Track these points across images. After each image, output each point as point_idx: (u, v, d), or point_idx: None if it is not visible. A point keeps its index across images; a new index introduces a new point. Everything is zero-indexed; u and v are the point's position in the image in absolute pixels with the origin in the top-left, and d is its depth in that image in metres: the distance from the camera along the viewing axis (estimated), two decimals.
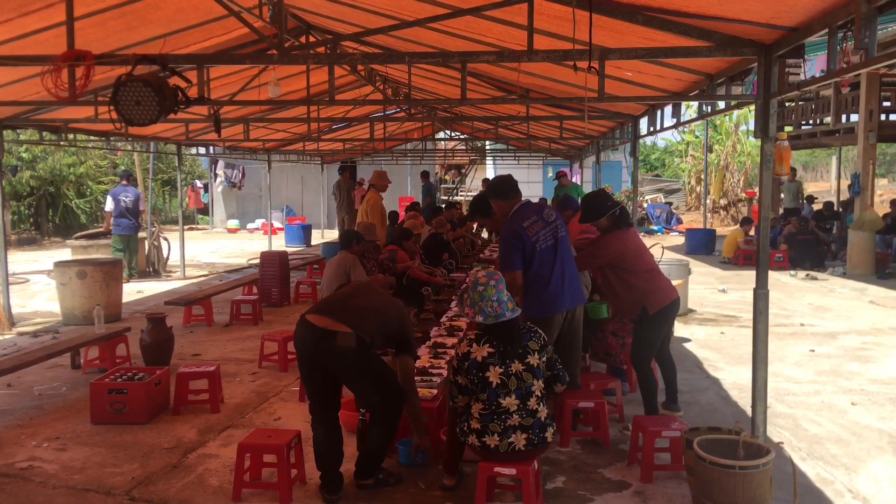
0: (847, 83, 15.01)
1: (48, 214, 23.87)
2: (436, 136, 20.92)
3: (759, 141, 4.57)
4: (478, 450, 3.69)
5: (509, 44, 6.57)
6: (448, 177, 31.94)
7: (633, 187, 9.95)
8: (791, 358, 7.66)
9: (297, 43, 8.59)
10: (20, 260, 16.81)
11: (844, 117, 16.80)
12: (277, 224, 24.57)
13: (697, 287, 12.10)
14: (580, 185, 16.28)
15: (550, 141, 16.58)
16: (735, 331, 9.15)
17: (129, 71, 4.90)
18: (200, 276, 14.17)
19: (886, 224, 14.32)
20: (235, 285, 10.89)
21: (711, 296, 11.77)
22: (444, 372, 4.92)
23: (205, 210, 29.27)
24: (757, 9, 3.98)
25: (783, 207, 18.27)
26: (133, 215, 12.81)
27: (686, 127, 32.36)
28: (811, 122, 18.84)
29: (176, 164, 14.92)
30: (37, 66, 5.10)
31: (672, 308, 5.15)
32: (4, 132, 9.54)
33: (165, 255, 14.47)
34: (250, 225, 26.81)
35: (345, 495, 4.14)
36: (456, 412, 3.87)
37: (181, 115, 7.78)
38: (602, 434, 4.88)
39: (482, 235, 15.77)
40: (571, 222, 6.26)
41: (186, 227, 22.91)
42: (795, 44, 4.16)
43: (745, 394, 6.08)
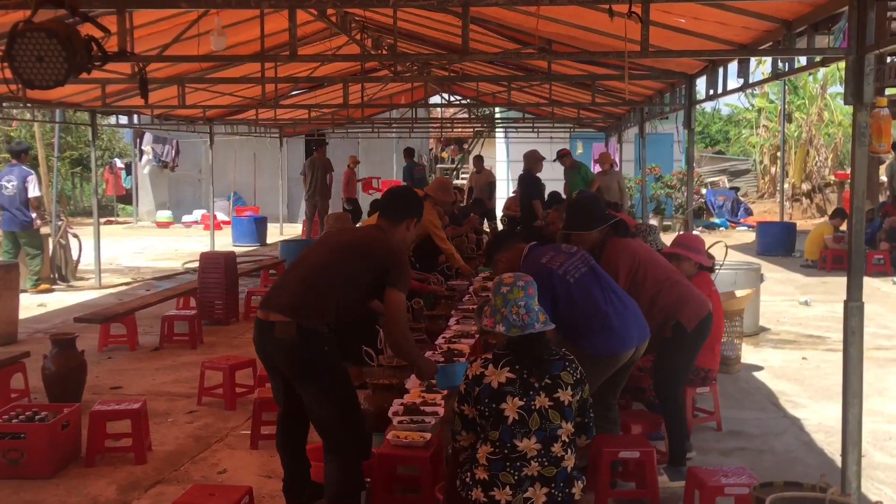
0: None
1: None
2: (429, 102, 20.76)
3: (851, 108, 4.59)
4: None
5: None
6: (446, 154, 31.84)
7: (688, 168, 10.11)
8: (893, 391, 7.78)
9: None
10: None
11: None
12: (222, 216, 24.87)
13: (772, 299, 12.25)
14: (589, 168, 16.51)
15: (579, 108, 16.68)
16: (821, 356, 9.26)
17: (29, 17, 4.94)
18: (121, 285, 14.29)
19: None
20: (167, 297, 11.04)
21: (790, 310, 11.94)
22: (441, 409, 4.96)
23: (127, 198, 29.53)
24: None
25: (887, 194, 18.26)
26: (16, 205, 12.49)
27: (757, 89, 32.38)
28: None
29: (89, 138, 14.87)
30: None
31: (709, 321, 5.41)
32: None
33: (75, 258, 14.59)
34: (187, 217, 27.00)
35: None
36: (457, 459, 3.93)
37: (96, 75, 7.79)
38: (650, 493, 4.92)
39: (489, 229, 15.89)
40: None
41: (103, 221, 23.00)
42: None
43: (834, 438, 6.17)
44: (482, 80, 14.62)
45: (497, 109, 24.07)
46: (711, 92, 9.04)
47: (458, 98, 20.50)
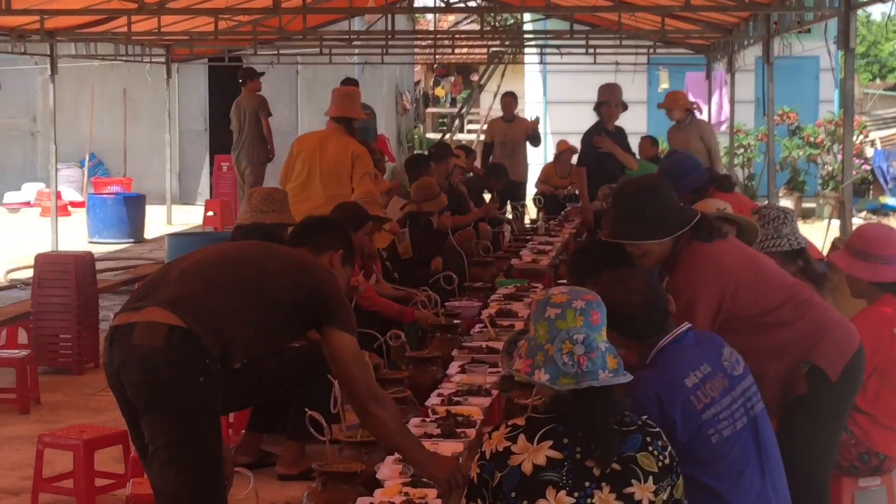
0: None
1: None
2: (414, 5, 18.48)
3: None
4: None
5: None
6: (442, 90, 27.44)
7: (845, 114, 9.29)
8: None
9: None
10: None
11: None
12: (72, 194, 21.22)
13: None
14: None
15: (665, 14, 14.52)
16: None
17: None
18: None
19: None
20: None
21: None
22: None
23: None
24: None
25: None
26: None
27: None
28: None
29: None
30: None
31: (861, 360, 4.88)
32: None
33: None
34: (11, 196, 23.24)
35: None
36: None
37: None
38: None
39: (508, 217, 13.98)
40: None
41: None
42: None
43: None
44: None
45: (527, 17, 20.81)
46: None
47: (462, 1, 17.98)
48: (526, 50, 21.35)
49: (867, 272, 5.51)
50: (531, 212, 14.94)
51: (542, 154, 20.07)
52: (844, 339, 4.89)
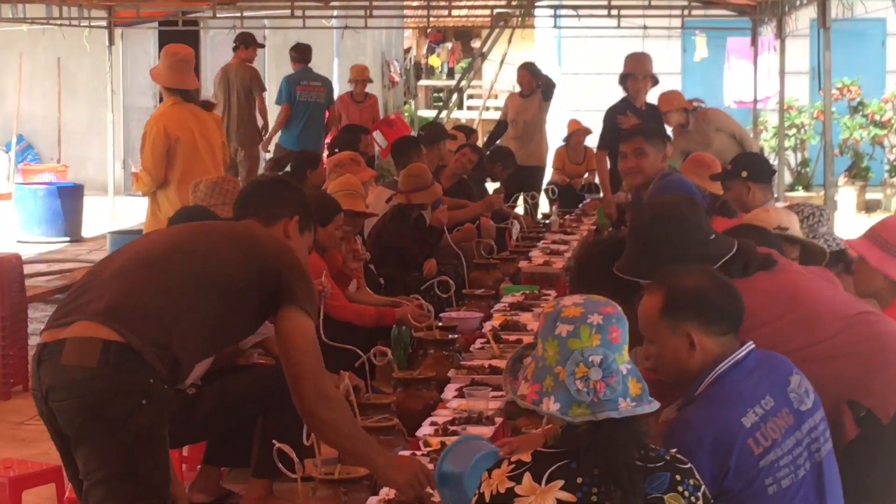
0: None
1: None
2: None
3: None
4: None
5: None
6: (437, 58, 26.66)
7: None
8: None
9: None
10: None
11: None
12: None
13: None
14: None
15: None
16: None
17: None
18: None
19: None
20: None
21: None
22: None
23: None
24: None
25: None
26: None
27: None
28: None
29: None
30: None
31: None
32: None
33: None
34: None
35: None
36: None
37: None
38: None
39: (517, 213, 13.13)
40: None
41: None
42: None
43: None
44: None
45: None
46: None
47: None
48: (537, 11, 20.44)
49: None
50: (543, 205, 14.54)
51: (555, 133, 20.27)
52: None
